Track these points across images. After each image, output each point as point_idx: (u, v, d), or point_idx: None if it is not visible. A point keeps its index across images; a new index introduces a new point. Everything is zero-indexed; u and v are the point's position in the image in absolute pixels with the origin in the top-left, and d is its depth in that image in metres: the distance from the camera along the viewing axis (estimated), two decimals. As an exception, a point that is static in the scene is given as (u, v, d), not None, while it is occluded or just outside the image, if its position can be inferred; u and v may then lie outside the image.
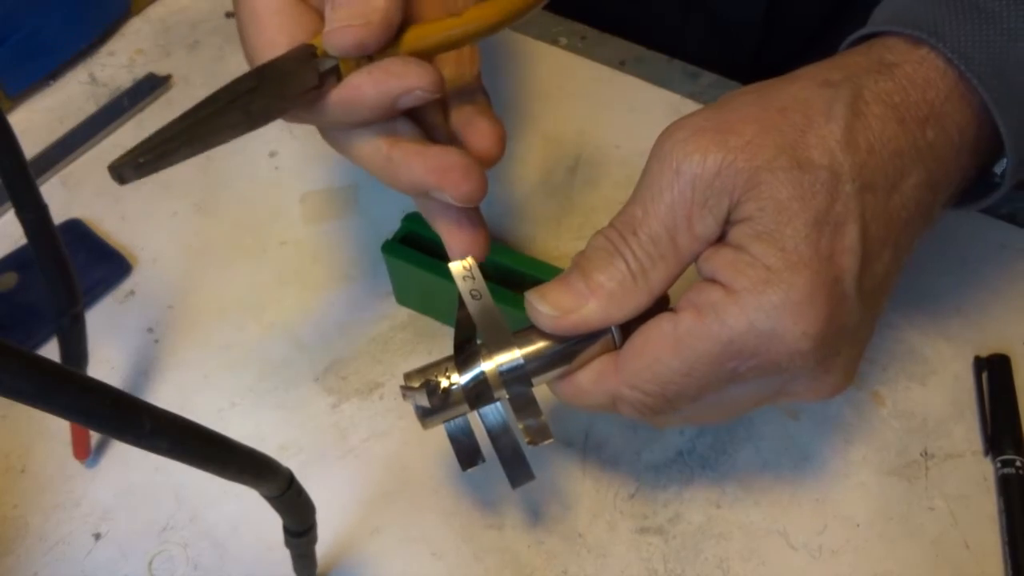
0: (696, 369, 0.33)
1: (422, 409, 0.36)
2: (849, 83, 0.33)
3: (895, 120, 0.32)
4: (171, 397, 0.46)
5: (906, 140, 0.32)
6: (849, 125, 0.32)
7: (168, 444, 0.24)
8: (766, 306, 0.31)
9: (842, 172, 0.32)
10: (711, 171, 0.32)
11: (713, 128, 0.33)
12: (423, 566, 0.41)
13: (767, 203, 0.31)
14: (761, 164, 0.32)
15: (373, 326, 0.48)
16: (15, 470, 0.44)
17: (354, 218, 0.53)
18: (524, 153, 0.55)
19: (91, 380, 0.22)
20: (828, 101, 0.32)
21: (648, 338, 0.34)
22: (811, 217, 0.31)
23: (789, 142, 0.32)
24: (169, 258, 0.52)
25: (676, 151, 0.33)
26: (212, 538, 0.42)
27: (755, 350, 0.32)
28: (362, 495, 0.43)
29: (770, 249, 0.31)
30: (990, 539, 0.41)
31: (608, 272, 0.34)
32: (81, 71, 0.61)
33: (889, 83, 0.33)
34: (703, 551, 0.41)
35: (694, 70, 0.58)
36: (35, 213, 0.37)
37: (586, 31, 0.61)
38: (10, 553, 0.42)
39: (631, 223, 0.34)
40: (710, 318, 0.32)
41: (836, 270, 0.32)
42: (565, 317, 0.34)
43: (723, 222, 0.33)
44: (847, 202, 0.32)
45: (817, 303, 0.31)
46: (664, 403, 0.34)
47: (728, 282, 0.32)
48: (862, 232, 0.32)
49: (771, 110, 0.33)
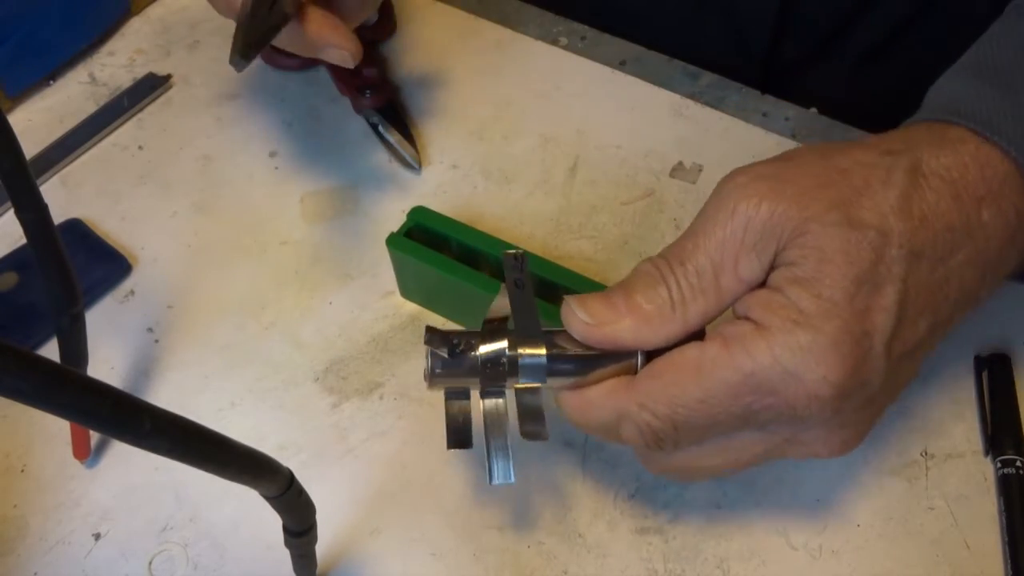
0: (712, 397, 0.33)
1: (435, 362, 0.36)
2: (909, 153, 0.33)
3: (951, 196, 0.33)
4: (171, 397, 0.46)
5: (960, 217, 0.33)
6: (905, 193, 0.32)
7: (168, 444, 0.24)
8: (793, 345, 0.32)
9: (891, 236, 0.32)
10: (764, 216, 0.33)
11: (772, 177, 0.33)
12: (423, 566, 0.41)
13: (811, 251, 0.32)
14: (811, 215, 0.32)
15: (373, 326, 0.48)
16: (15, 470, 0.44)
17: (354, 218, 0.53)
18: (524, 153, 0.55)
19: (91, 380, 0.22)
20: (888, 168, 0.33)
21: (670, 362, 0.34)
22: (853, 272, 0.32)
23: (843, 199, 0.32)
24: (169, 258, 0.52)
25: (735, 194, 0.34)
26: (212, 538, 0.42)
27: (774, 387, 0.32)
28: (362, 495, 0.43)
29: (806, 294, 0.32)
30: (990, 539, 0.41)
31: (648, 295, 0.34)
32: (81, 71, 0.61)
33: (949, 158, 0.33)
34: (703, 551, 0.41)
35: (694, 70, 0.58)
36: (35, 213, 0.36)
37: (586, 31, 0.61)
38: (10, 553, 0.42)
39: (680, 254, 0.34)
40: (736, 348, 0.32)
41: (868, 325, 0.32)
42: (599, 328, 0.35)
43: (767, 268, 0.34)
44: (891, 265, 0.32)
45: (843, 352, 0.31)
46: (671, 430, 0.34)
47: (759, 319, 0.33)
48: (901, 295, 0.32)
49: (831, 169, 0.33)
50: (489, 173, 0.54)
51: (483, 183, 0.54)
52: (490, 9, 0.62)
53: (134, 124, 0.58)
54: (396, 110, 0.56)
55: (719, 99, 0.57)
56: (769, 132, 0.55)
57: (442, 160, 0.55)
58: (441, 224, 0.46)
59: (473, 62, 0.59)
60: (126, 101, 0.58)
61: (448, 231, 0.46)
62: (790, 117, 0.56)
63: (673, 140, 0.55)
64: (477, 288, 0.44)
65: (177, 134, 0.57)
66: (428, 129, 0.56)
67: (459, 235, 0.46)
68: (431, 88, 0.58)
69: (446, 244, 0.46)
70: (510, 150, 0.55)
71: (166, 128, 0.58)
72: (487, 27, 0.61)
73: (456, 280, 0.44)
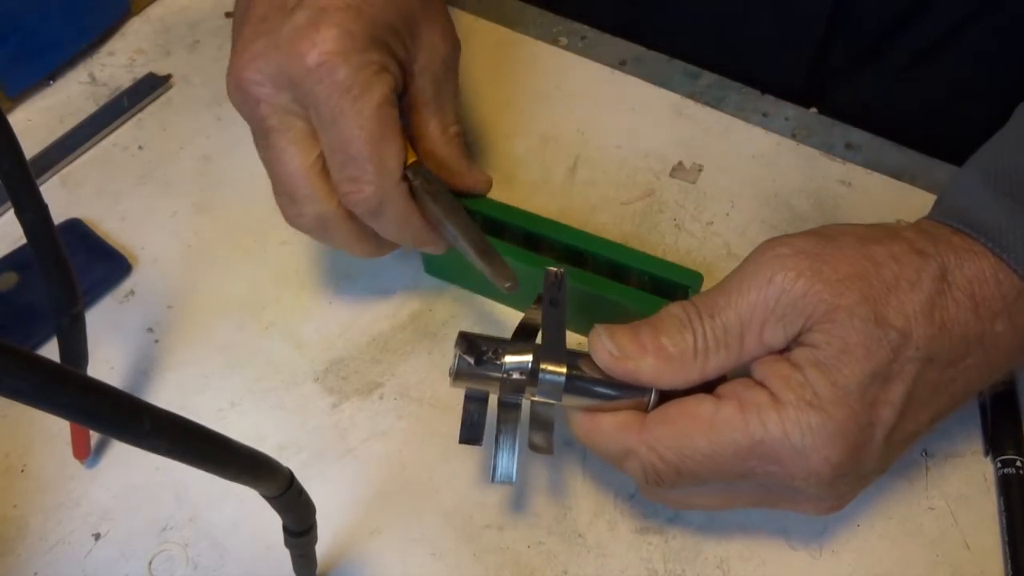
0: (719, 454, 0.35)
1: (461, 364, 0.37)
2: (938, 258, 0.35)
3: (970, 309, 0.35)
4: (171, 397, 0.46)
5: (976, 328, 0.35)
6: (930, 300, 0.34)
7: (168, 444, 0.24)
8: (804, 424, 0.34)
9: (910, 338, 0.34)
10: (798, 292, 0.35)
11: (813, 256, 0.35)
12: (423, 566, 0.41)
13: (835, 340, 0.34)
14: (842, 304, 0.34)
15: (373, 326, 0.48)
16: (15, 470, 0.44)
17: (354, 218, 0.53)
18: (524, 153, 0.55)
19: (91, 380, 0.22)
20: (917, 270, 0.35)
21: (684, 411, 0.36)
22: (870, 367, 0.34)
23: (874, 295, 0.34)
24: (169, 258, 0.52)
25: (774, 263, 0.35)
26: (212, 538, 0.42)
27: (779, 458, 0.34)
28: (362, 495, 0.43)
29: (823, 378, 0.34)
30: (990, 539, 0.41)
31: (675, 339, 0.36)
32: (81, 71, 0.61)
33: (971, 270, 0.35)
34: (703, 551, 0.41)
35: (694, 70, 0.58)
36: (35, 213, 0.36)
37: (586, 31, 0.61)
38: (10, 553, 0.42)
39: (711, 307, 0.36)
40: (751, 415, 0.34)
41: (873, 417, 0.34)
42: (622, 361, 0.36)
43: (790, 340, 0.35)
44: (905, 364, 0.34)
45: (847, 439, 0.34)
46: (674, 475, 0.36)
47: (777, 391, 0.34)
48: (908, 393, 0.34)
49: (867, 260, 0.35)
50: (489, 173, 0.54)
51: (483, 183, 0.54)
52: (490, 9, 0.62)
53: (134, 124, 0.58)
54: (396, 110, 0.56)
55: (719, 99, 0.57)
56: (769, 132, 0.55)
57: (442, 160, 0.55)
58: (464, 198, 0.47)
59: (473, 62, 0.59)
60: (126, 101, 0.58)
61: (472, 204, 0.47)
62: (790, 117, 0.56)
63: (673, 140, 0.55)
64: (511, 259, 0.44)
65: (177, 134, 0.57)
66: (428, 129, 0.56)
67: (482, 208, 0.47)
68: (431, 88, 0.58)
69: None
70: (510, 150, 0.55)
71: (166, 128, 0.58)
72: (487, 27, 0.61)
73: None
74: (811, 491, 0.35)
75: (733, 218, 0.51)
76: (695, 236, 0.51)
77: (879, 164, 0.53)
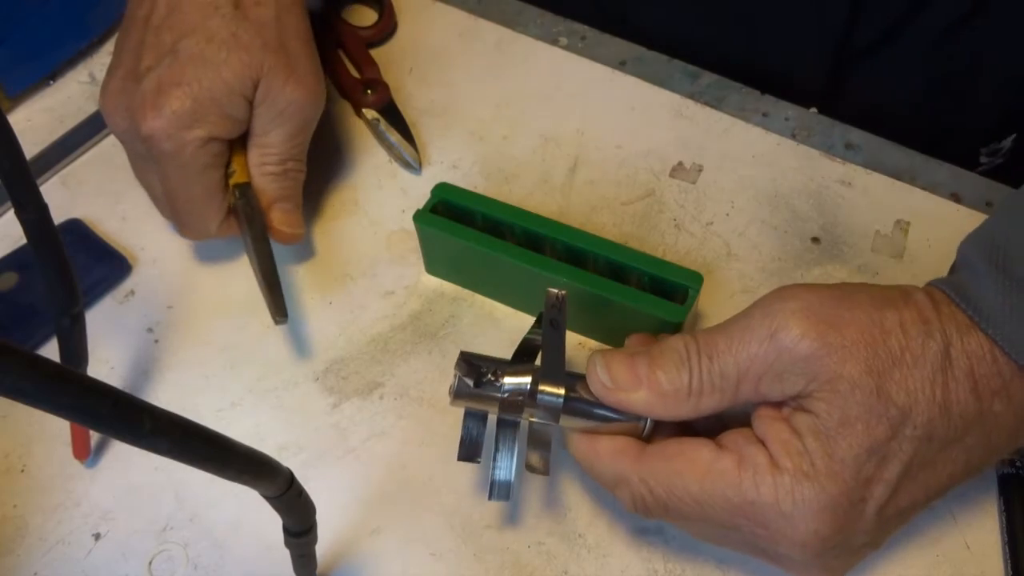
0: (708, 503, 0.35)
1: (459, 386, 0.38)
2: (942, 331, 0.35)
3: (970, 389, 0.34)
4: (171, 397, 0.46)
5: (975, 408, 0.34)
6: (932, 377, 0.34)
7: (168, 444, 0.24)
8: (796, 495, 0.34)
9: (910, 417, 0.34)
10: (801, 353, 0.34)
11: (821, 316, 0.35)
12: (423, 566, 0.41)
13: (836, 412, 0.34)
14: (846, 374, 0.34)
15: (373, 326, 0.48)
16: (15, 470, 0.44)
17: (354, 218, 0.53)
18: (524, 153, 0.55)
19: (91, 380, 0.22)
20: (923, 344, 0.34)
21: (683, 452, 0.36)
22: (868, 443, 0.34)
23: (878, 367, 0.34)
24: (169, 258, 0.52)
25: (780, 317, 0.35)
26: (212, 538, 0.42)
27: (766, 523, 0.35)
28: (362, 495, 0.43)
29: (821, 450, 0.34)
30: (990, 539, 0.41)
31: (670, 376, 0.36)
32: (81, 71, 0.61)
33: (972, 344, 0.34)
34: (703, 551, 0.41)
35: (694, 70, 0.58)
36: (35, 213, 0.36)
37: (586, 31, 0.61)
38: (10, 553, 0.42)
39: (711, 349, 0.36)
40: (747, 474, 0.35)
41: (866, 493, 0.34)
42: (615, 392, 0.37)
43: (788, 396, 0.35)
44: (902, 443, 0.34)
45: (838, 513, 0.34)
46: (661, 510, 0.37)
47: (775, 455, 0.35)
48: (903, 471, 0.34)
49: (876, 327, 0.35)
50: (489, 173, 0.54)
51: (483, 183, 0.54)
52: (490, 9, 0.62)
53: (134, 124, 0.58)
54: (396, 110, 0.56)
55: (719, 99, 0.57)
56: (769, 132, 0.55)
57: (442, 160, 0.55)
58: (465, 198, 0.47)
59: (473, 62, 0.59)
60: (126, 101, 0.58)
61: (472, 204, 0.47)
62: (790, 117, 0.56)
63: (673, 140, 0.55)
64: (511, 259, 0.45)
65: (177, 134, 0.57)
66: (428, 129, 0.56)
67: (483, 208, 0.47)
68: (431, 88, 0.58)
69: (471, 217, 0.47)
70: (510, 150, 0.55)
71: (166, 128, 0.58)
72: (487, 27, 0.61)
73: (486, 252, 0.45)
74: (796, 559, 0.35)
75: (733, 218, 0.51)
76: (695, 236, 0.51)
77: (879, 164, 0.53)
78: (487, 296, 0.49)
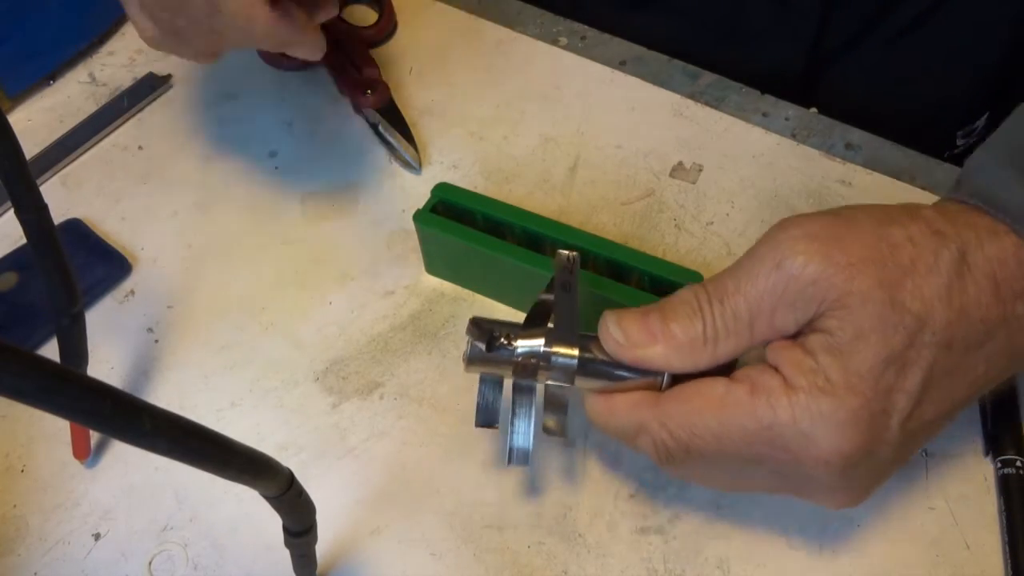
0: (727, 436, 0.35)
1: (472, 351, 0.38)
2: (957, 240, 0.34)
3: (991, 291, 0.34)
4: (171, 397, 0.46)
5: (997, 311, 0.34)
6: (948, 283, 0.33)
7: (168, 444, 0.24)
8: (814, 411, 0.33)
9: (927, 323, 0.33)
10: (808, 277, 0.34)
11: (824, 238, 0.34)
12: (423, 566, 0.41)
13: (848, 326, 0.33)
14: (855, 289, 0.33)
15: (373, 326, 0.48)
16: (15, 470, 0.44)
17: (354, 218, 0.53)
18: (524, 153, 0.55)
19: (91, 380, 0.22)
20: (935, 252, 0.34)
21: (698, 391, 0.36)
22: (884, 353, 0.33)
23: (889, 279, 0.33)
24: (169, 258, 0.52)
25: (784, 246, 0.34)
26: (212, 538, 0.42)
27: (787, 445, 0.34)
28: (362, 495, 0.43)
29: (836, 364, 0.33)
30: (990, 539, 0.41)
31: (684, 326, 0.36)
32: (81, 71, 0.61)
33: (992, 249, 0.34)
34: (703, 551, 0.41)
35: (694, 70, 0.58)
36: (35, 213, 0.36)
37: (586, 31, 0.61)
38: (10, 553, 0.42)
39: (721, 292, 0.35)
40: (761, 399, 0.34)
41: (888, 404, 0.33)
42: (630, 349, 0.36)
43: (802, 325, 0.35)
44: (921, 350, 0.33)
45: (859, 427, 0.33)
46: (683, 453, 0.36)
47: (789, 376, 0.34)
48: (925, 380, 0.33)
49: (883, 242, 0.34)
50: (489, 173, 0.54)
51: (483, 183, 0.54)
52: (490, 9, 0.62)
53: (134, 124, 0.58)
54: (396, 110, 0.56)
55: (719, 99, 0.57)
56: (769, 132, 0.55)
57: (442, 160, 0.55)
58: (465, 198, 0.47)
59: (473, 62, 0.59)
60: (126, 101, 0.58)
61: (472, 204, 0.47)
62: (790, 117, 0.56)
63: (673, 140, 0.55)
64: (511, 259, 0.45)
65: (177, 134, 0.57)
66: (428, 129, 0.56)
67: (483, 207, 0.47)
68: (431, 88, 0.58)
69: (471, 217, 0.47)
70: (510, 150, 0.55)
71: (166, 128, 0.58)
72: (487, 27, 0.61)
73: (486, 252, 0.45)
74: (823, 480, 0.34)
75: (733, 218, 0.51)
76: (695, 236, 0.51)
77: (879, 164, 0.53)
78: (487, 296, 0.49)
